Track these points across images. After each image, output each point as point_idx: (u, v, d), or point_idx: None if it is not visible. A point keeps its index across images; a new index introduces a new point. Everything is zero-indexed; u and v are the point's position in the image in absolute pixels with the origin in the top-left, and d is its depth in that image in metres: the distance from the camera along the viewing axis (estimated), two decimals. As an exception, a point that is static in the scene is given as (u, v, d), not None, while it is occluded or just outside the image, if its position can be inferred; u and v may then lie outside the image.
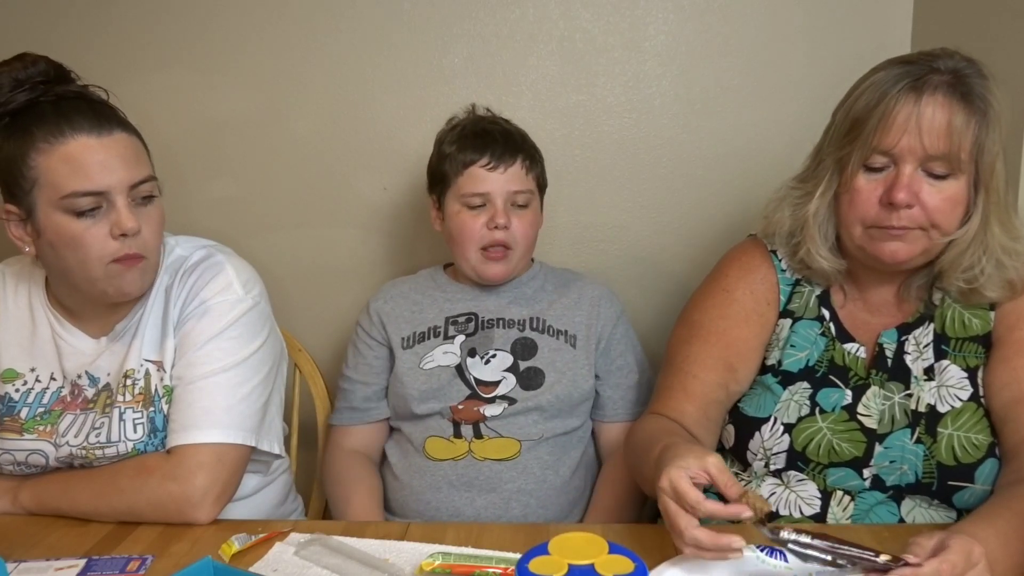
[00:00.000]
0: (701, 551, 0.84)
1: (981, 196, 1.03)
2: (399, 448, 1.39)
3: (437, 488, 1.31)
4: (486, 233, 1.34)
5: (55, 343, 1.17)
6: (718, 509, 0.85)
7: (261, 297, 1.21)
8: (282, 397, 1.28)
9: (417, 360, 1.37)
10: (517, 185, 1.35)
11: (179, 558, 0.99)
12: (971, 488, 1.04)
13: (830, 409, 1.10)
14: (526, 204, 1.37)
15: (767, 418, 1.11)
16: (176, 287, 1.17)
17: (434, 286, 1.46)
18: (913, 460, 1.06)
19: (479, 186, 1.34)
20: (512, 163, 1.35)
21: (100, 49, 1.68)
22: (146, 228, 1.09)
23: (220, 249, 1.23)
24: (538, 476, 1.31)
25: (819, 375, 1.12)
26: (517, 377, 1.34)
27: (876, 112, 1.02)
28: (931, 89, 1.00)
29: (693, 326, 1.19)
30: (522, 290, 1.43)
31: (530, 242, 1.39)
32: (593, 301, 1.42)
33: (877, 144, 1.02)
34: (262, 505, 1.29)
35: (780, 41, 1.63)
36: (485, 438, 1.32)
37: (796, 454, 1.09)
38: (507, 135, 1.37)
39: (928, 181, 1.02)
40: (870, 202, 1.04)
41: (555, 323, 1.39)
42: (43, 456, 1.14)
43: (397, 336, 1.40)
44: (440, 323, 1.40)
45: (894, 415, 1.09)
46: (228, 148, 1.72)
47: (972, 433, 1.05)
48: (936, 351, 1.10)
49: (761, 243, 1.21)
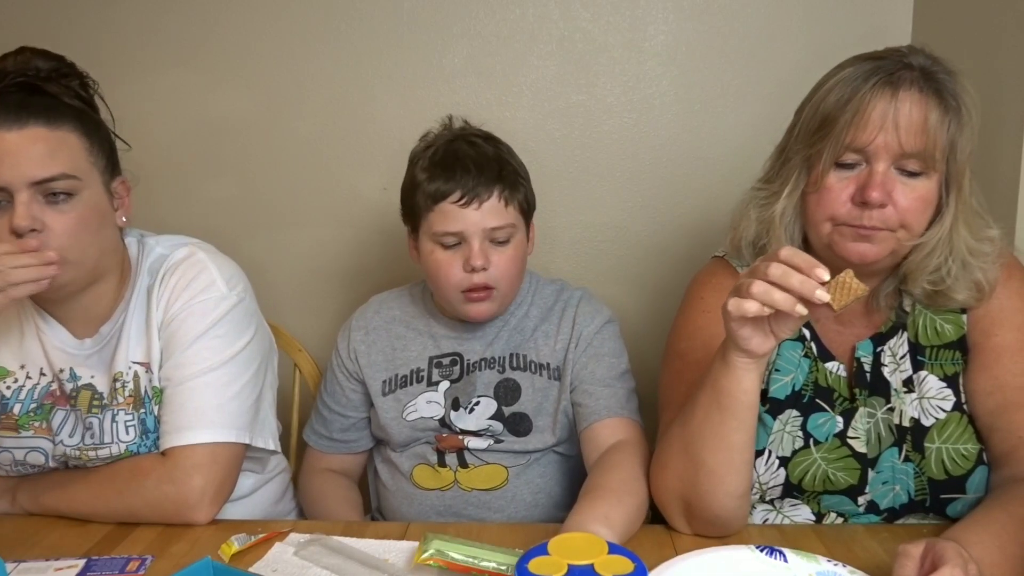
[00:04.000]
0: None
1: (952, 196, 1.00)
2: (388, 468, 1.34)
3: (426, 517, 1.27)
4: (464, 277, 1.20)
5: (39, 339, 1.17)
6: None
7: (246, 293, 1.19)
8: (274, 393, 1.27)
9: (399, 409, 1.29)
10: (495, 221, 1.19)
11: (179, 558, 0.99)
12: (963, 498, 1.03)
13: (823, 439, 1.07)
14: (506, 240, 1.22)
15: (761, 451, 1.07)
16: (158, 288, 1.15)
17: (420, 315, 1.35)
18: (904, 479, 1.05)
19: (451, 224, 1.19)
20: (488, 196, 1.19)
21: (101, 49, 1.68)
22: (56, 226, 1.04)
23: (201, 247, 1.20)
24: (529, 502, 1.27)
25: (806, 400, 1.08)
26: (504, 423, 1.26)
27: (849, 108, 0.97)
28: (906, 85, 0.96)
29: (682, 357, 1.13)
30: (506, 322, 1.31)
31: (514, 278, 1.25)
32: (572, 319, 1.29)
33: (851, 141, 0.98)
34: (260, 504, 1.29)
35: (780, 41, 1.63)
36: (471, 467, 1.26)
37: (792, 486, 1.07)
38: (481, 162, 1.21)
39: (901, 180, 0.98)
40: (840, 200, 0.99)
41: (536, 356, 1.29)
42: (42, 454, 1.14)
43: (375, 380, 1.31)
44: (424, 365, 1.31)
45: (880, 433, 1.06)
46: (228, 148, 1.72)
47: (960, 444, 1.03)
48: (913, 362, 1.07)
49: (728, 264, 1.16)
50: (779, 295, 0.83)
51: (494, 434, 1.27)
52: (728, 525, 1.01)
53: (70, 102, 1.08)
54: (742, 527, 1.03)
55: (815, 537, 1.01)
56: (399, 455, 1.32)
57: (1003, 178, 1.30)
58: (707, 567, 0.89)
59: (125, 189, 1.15)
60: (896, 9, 1.60)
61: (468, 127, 1.30)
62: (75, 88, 1.10)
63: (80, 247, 1.07)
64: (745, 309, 0.85)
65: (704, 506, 0.99)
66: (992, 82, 1.33)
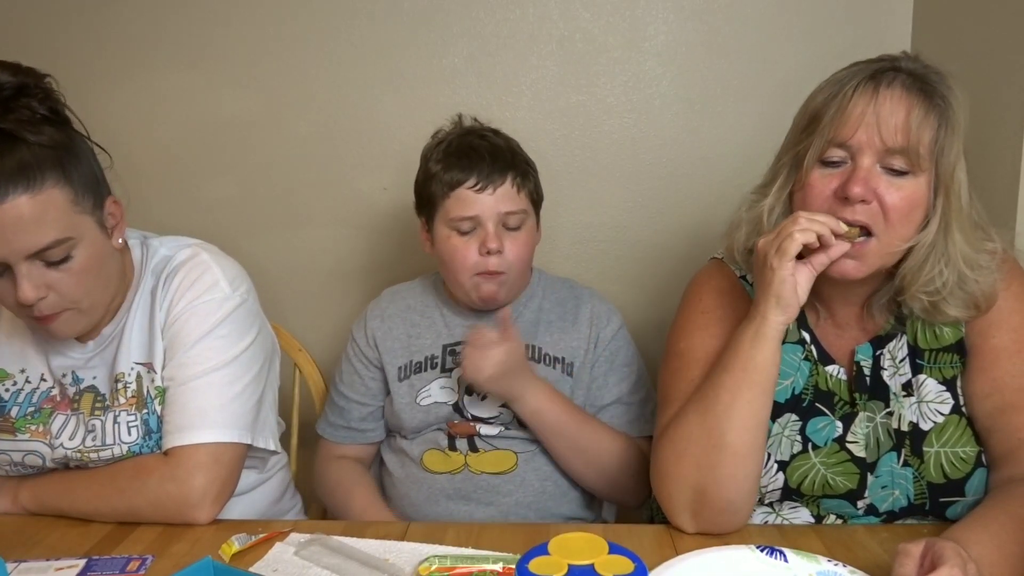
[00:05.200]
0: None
1: (940, 199, 0.99)
2: (396, 457, 1.37)
3: (435, 501, 1.29)
4: (479, 260, 1.26)
5: (42, 346, 1.17)
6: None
7: (248, 294, 1.20)
8: (275, 393, 1.28)
9: (413, 394, 1.32)
10: (508, 206, 1.26)
11: (179, 558, 0.99)
12: (963, 501, 1.03)
13: (822, 443, 1.06)
14: (519, 226, 1.28)
15: None
16: (161, 289, 1.15)
17: (433, 304, 1.39)
18: (903, 484, 1.05)
19: (467, 209, 1.25)
20: (502, 182, 1.26)
21: (100, 49, 1.68)
22: (62, 287, 1.03)
23: (205, 248, 1.20)
24: (536, 488, 1.29)
25: (806, 404, 1.08)
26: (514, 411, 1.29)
27: (833, 104, 0.99)
28: (888, 82, 0.97)
29: (681, 356, 1.12)
30: (521, 313, 1.36)
31: (525, 264, 1.31)
32: (589, 321, 1.35)
33: (833, 136, 0.98)
34: (260, 502, 1.30)
35: (780, 41, 1.63)
36: (481, 451, 1.29)
37: (791, 490, 1.07)
38: (495, 152, 1.28)
39: (887, 178, 0.97)
40: (823, 196, 0.99)
41: (552, 350, 1.34)
42: (39, 456, 1.14)
43: (392, 366, 1.35)
44: (438, 352, 1.34)
45: (878, 437, 1.06)
46: (228, 148, 1.72)
47: (959, 447, 1.03)
48: (912, 365, 1.07)
49: (727, 267, 1.16)
50: (818, 223, 0.95)
51: (504, 422, 1.30)
52: (737, 514, 1.01)
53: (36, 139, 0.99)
54: (746, 521, 1.03)
55: (815, 537, 1.01)
56: (410, 442, 1.33)
57: (1003, 179, 1.30)
58: (707, 567, 0.89)
59: (118, 209, 1.11)
60: (896, 9, 1.60)
61: (478, 124, 1.36)
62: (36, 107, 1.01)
63: (90, 295, 1.08)
64: (796, 239, 0.95)
65: (722, 491, 0.99)
66: (991, 86, 1.33)
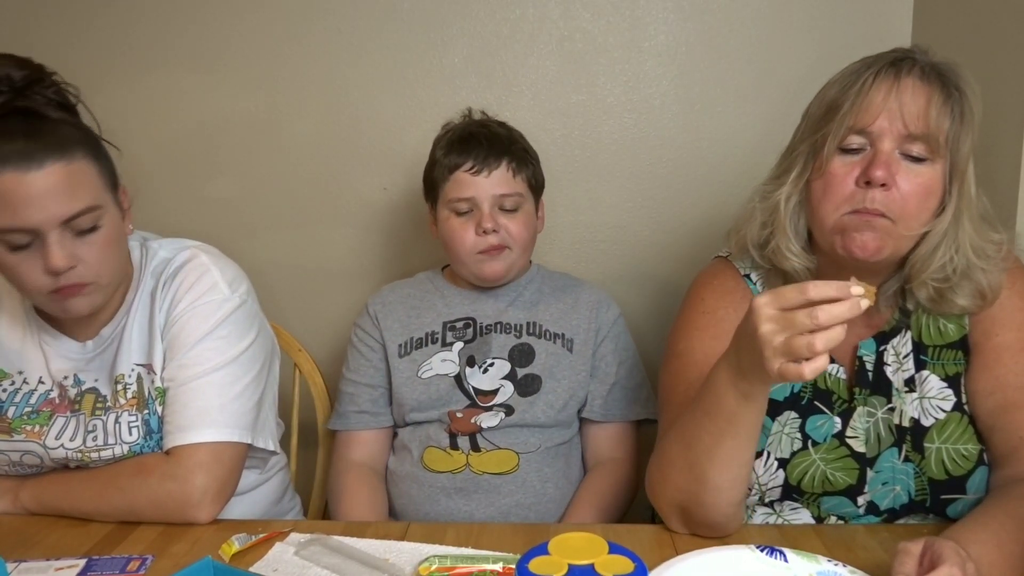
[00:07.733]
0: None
1: (955, 188, 1.00)
2: (397, 455, 1.38)
3: (435, 500, 1.30)
4: (477, 240, 1.32)
5: (41, 348, 1.17)
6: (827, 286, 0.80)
7: (248, 295, 1.20)
8: (275, 394, 1.28)
9: (415, 368, 1.36)
10: (503, 188, 1.32)
11: (179, 558, 0.99)
12: (964, 499, 1.03)
13: (822, 440, 1.07)
14: (515, 208, 1.34)
15: (760, 453, 1.07)
16: (161, 291, 1.16)
17: (432, 289, 1.45)
18: (904, 480, 1.05)
19: (464, 191, 1.32)
20: (496, 166, 1.32)
21: (99, 49, 1.68)
22: (89, 257, 1.05)
23: (205, 250, 1.21)
24: (537, 489, 1.30)
25: (804, 402, 1.08)
26: (515, 384, 1.33)
27: (852, 91, 0.98)
28: (908, 69, 0.98)
29: (681, 356, 1.12)
30: (520, 292, 1.42)
31: (526, 241, 1.37)
32: (591, 305, 1.41)
33: (854, 123, 0.98)
34: (259, 502, 1.30)
35: (780, 41, 1.63)
36: (483, 451, 1.31)
37: (791, 487, 1.07)
38: (493, 138, 1.35)
39: (906, 164, 0.98)
40: (846, 183, 0.99)
41: (552, 327, 1.38)
42: (37, 456, 1.14)
43: (393, 343, 1.39)
44: (438, 328, 1.39)
45: (879, 433, 1.06)
46: (226, 148, 1.72)
47: (960, 444, 1.03)
48: (916, 361, 1.07)
49: (731, 265, 1.16)
50: (835, 333, 0.80)
51: (503, 401, 1.32)
52: (726, 528, 1.01)
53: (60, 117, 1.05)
54: (739, 528, 1.03)
55: (815, 537, 1.01)
56: (411, 435, 1.34)
57: (1003, 178, 1.30)
58: (707, 567, 0.89)
59: (127, 199, 1.15)
60: (896, 9, 1.60)
61: (486, 116, 1.44)
62: (51, 96, 1.06)
63: (111, 270, 1.10)
64: (822, 366, 0.81)
65: (704, 515, 0.99)
66: (991, 83, 1.32)
